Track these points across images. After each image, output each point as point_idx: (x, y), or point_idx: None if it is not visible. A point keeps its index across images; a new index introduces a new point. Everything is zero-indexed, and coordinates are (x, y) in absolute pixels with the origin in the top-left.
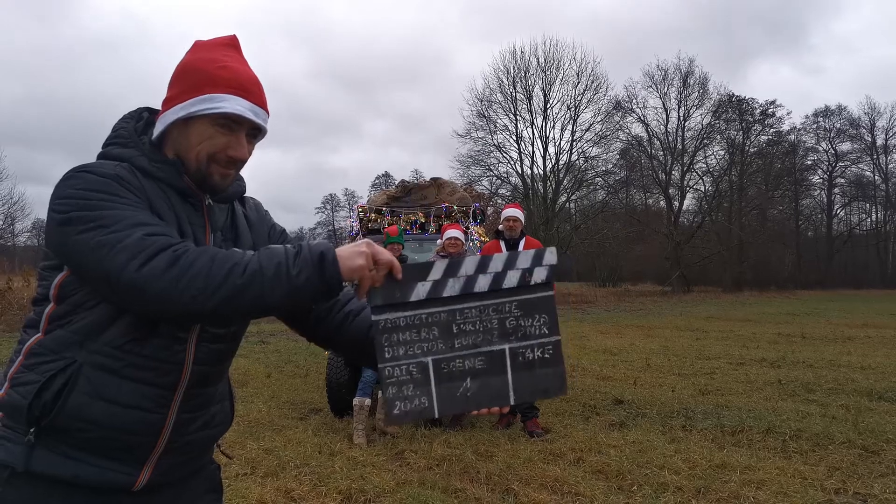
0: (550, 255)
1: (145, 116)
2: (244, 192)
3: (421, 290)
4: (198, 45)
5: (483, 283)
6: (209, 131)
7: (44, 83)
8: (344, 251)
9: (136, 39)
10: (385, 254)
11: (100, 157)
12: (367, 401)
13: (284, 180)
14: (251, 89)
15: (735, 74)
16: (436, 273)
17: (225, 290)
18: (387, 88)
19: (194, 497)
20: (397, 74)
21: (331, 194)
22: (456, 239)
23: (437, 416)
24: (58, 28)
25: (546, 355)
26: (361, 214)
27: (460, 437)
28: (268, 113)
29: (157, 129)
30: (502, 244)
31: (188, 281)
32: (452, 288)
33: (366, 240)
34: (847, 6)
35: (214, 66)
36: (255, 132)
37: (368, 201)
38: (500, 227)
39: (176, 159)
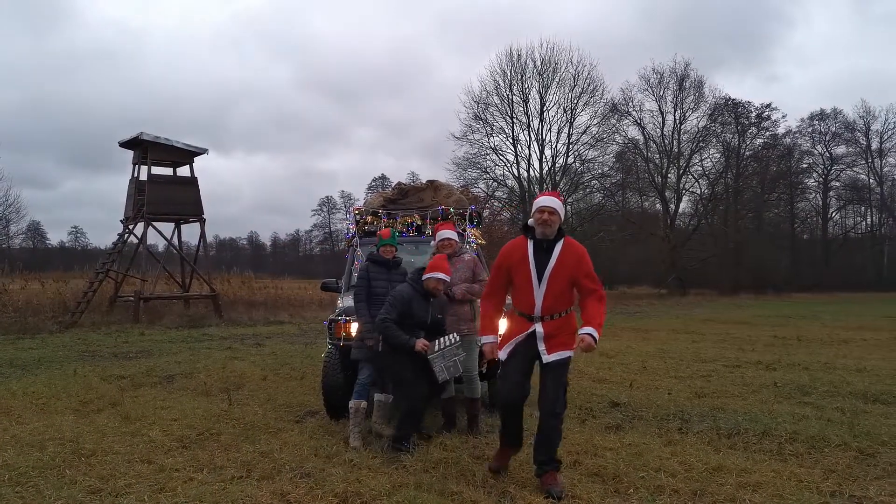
0: None
1: None
2: None
3: None
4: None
5: None
6: None
7: (38, 91)
8: None
9: (128, 50)
10: None
11: None
12: (363, 403)
13: (276, 185)
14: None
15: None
16: None
17: None
18: (371, 97)
19: None
20: (380, 84)
21: (327, 197)
22: (449, 240)
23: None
24: (51, 38)
25: None
26: (358, 217)
27: (457, 439)
28: None
29: None
30: (530, 245)
31: None
32: None
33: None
34: (799, 20)
35: None
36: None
37: (365, 204)
38: (531, 220)
39: None
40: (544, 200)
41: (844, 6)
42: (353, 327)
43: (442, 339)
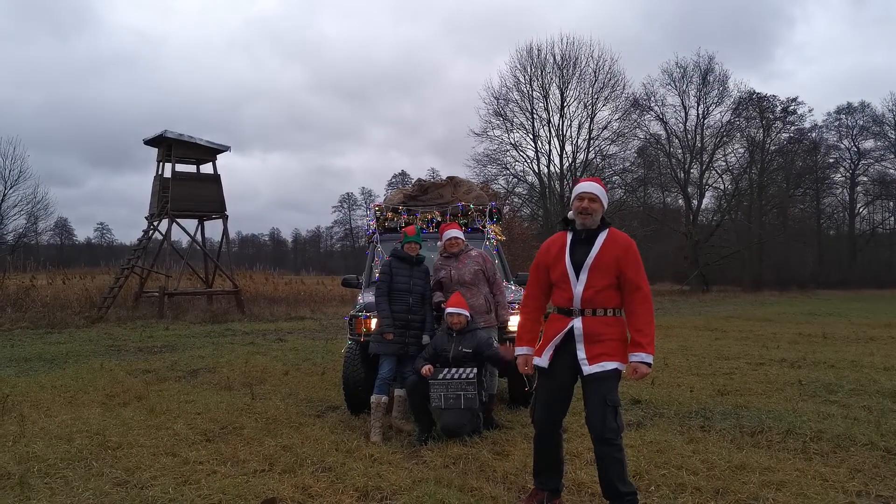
0: None
1: None
2: None
3: None
4: None
5: None
6: None
7: (62, 93)
8: None
9: (147, 54)
10: None
11: None
12: (384, 398)
13: (295, 183)
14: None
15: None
16: None
17: None
18: (382, 97)
19: None
20: (390, 84)
21: (348, 193)
22: (456, 238)
23: None
24: (75, 43)
25: None
26: (378, 213)
27: (476, 435)
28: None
29: None
30: (570, 237)
31: None
32: None
33: None
34: (799, 18)
35: None
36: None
37: (385, 200)
38: (570, 213)
39: None
40: (584, 186)
41: (844, 5)
42: (374, 323)
43: (455, 369)
